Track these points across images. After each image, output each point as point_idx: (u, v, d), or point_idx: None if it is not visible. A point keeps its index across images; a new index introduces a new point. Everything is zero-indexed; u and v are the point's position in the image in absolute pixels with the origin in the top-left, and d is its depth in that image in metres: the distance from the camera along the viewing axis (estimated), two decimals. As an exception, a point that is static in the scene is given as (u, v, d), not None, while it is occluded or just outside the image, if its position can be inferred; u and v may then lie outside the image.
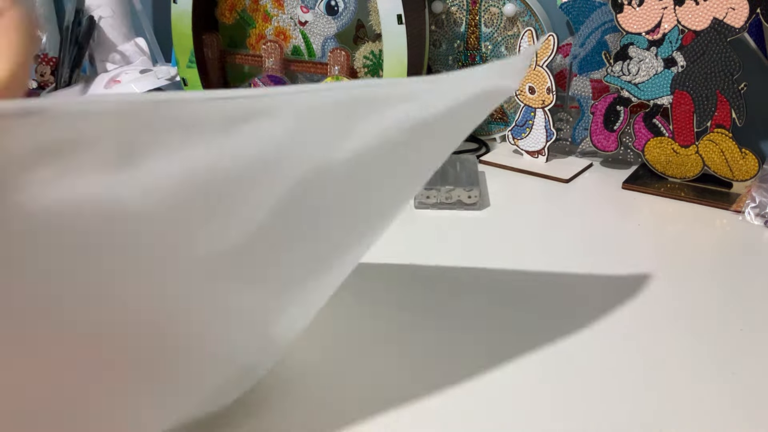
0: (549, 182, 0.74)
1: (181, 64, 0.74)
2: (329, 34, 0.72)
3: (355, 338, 0.48)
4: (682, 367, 0.44)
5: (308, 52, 0.73)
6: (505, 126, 0.86)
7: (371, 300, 0.52)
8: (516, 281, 0.55)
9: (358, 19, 0.75)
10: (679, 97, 0.69)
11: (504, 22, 0.82)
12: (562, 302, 0.52)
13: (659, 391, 0.42)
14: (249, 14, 0.74)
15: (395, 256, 0.59)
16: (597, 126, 0.75)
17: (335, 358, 0.46)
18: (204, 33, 0.74)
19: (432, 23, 0.85)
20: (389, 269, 0.57)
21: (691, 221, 0.65)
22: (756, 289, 0.53)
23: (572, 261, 0.58)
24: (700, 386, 0.42)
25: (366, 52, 0.71)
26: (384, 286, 0.54)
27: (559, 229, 0.64)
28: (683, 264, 0.57)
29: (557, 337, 0.48)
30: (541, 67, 0.73)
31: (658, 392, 0.42)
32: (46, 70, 0.98)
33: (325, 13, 0.71)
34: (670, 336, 0.48)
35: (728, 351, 0.46)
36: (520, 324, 0.49)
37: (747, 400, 0.41)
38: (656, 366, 0.44)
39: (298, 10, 0.72)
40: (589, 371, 0.44)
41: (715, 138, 0.68)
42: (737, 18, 0.63)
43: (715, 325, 0.49)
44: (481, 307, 0.51)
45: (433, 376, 0.44)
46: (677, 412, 0.40)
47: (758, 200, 0.65)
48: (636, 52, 0.70)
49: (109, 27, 0.92)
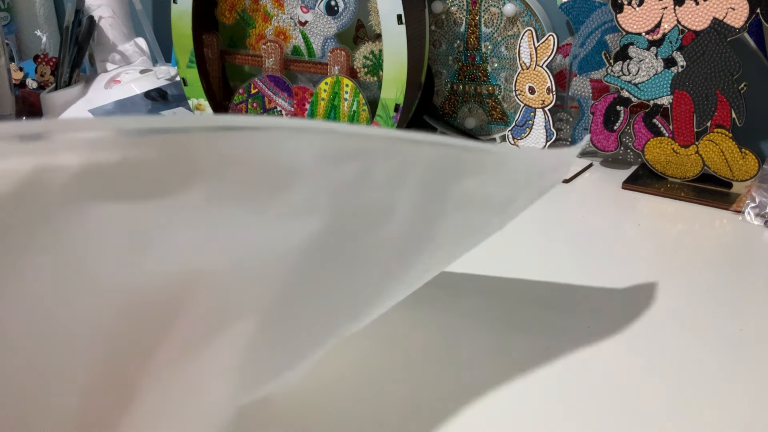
0: (549, 182, 0.74)
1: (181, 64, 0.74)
2: (329, 34, 0.72)
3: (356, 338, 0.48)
4: (681, 367, 0.44)
5: (308, 52, 0.73)
6: (505, 126, 0.86)
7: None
8: (515, 281, 0.55)
9: (358, 19, 0.74)
10: (679, 97, 0.69)
11: (504, 22, 0.82)
12: (562, 302, 0.52)
13: (658, 391, 0.42)
14: (249, 14, 0.74)
15: (395, 256, 0.59)
16: (597, 126, 0.75)
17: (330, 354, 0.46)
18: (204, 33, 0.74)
19: (432, 23, 0.85)
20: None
21: (690, 221, 0.65)
22: (756, 289, 0.53)
23: (572, 261, 0.58)
24: (699, 386, 0.42)
25: (366, 52, 0.71)
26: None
27: (559, 229, 0.64)
28: (683, 264, 0.57)
29: (557, 336, 0.48)
30: (541, 67, 0.73)
31: (657, 392, 0.42)
32: (46, 70, 0.98)
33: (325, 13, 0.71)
34: (669, 336, 0.48)
35: (728, 351, 0.46)
36: (520, 324, 0.49)
37: (747, 400, 0.41)
38: (655, 366, 0.44)
39: (298, 10, 0.72)
40: (589, 371, 0.44)
41: (715, 138, 0.68)
42: (737, 18, 0.63)
43: (714, 325, 0.49)
44: (481, 307, 0.51)
45: (432, 376, 0.44)
46: (677, 412, 0.40)
47: (758, 200, 0.65)
48: (636, 52, 0.70)
49: (109, 27, 0.92)
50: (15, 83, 0.93)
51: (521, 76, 0.76)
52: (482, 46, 0.84)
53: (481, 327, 0.49)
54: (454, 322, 0.49)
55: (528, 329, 0.49)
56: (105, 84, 0.88)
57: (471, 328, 0.49)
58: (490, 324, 0.49)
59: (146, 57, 0.94)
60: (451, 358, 0.46)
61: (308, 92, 0.72)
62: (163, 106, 0.82)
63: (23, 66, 1.00)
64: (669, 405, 0.41)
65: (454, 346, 0.47)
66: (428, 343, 0.47)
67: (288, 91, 0.73)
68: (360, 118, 0.71)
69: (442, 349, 0.46)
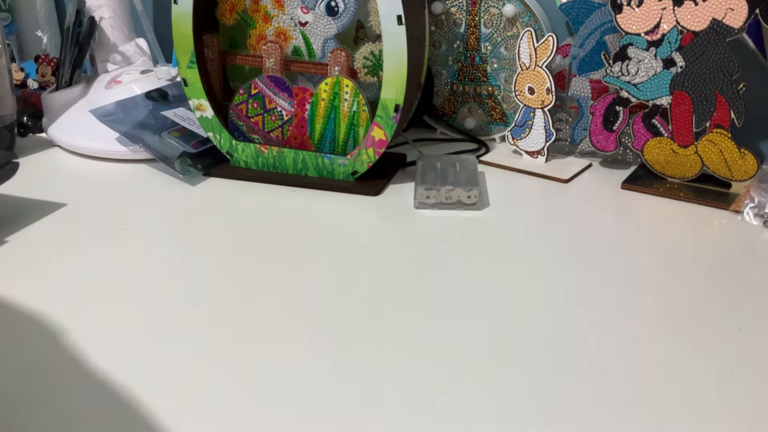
0: (548, 182, 0.75)
1: (182, 65, 0.74)
2: (329, 35, 0.72)
3: (355, 338, 0.48)
4: (681, 367, 0.44)
5: (308, 53, 0.73)
6: (504, 126, 0.86)
7: (371, 299, 0.53)
8: (515, 281, 0.55)
9: (358, 20, 0.75)
10: (678, 98, 0.69)
11: (503, 22, 0.82)
12: (562, 302, 0.52)
13: (658, 390, 0.42)
14: (249, 15, 0.74)
15: (395, 255, 0.59)
16: (596, 126, 0.76)
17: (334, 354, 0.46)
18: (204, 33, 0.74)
19: (432, 24, 0.86)
20: (389, 269, 0.57)
21: (690, 221, 0.65)
22: (755, 289, 0.54)
23: (571, 261, 0.58)
24: (699, 386, 0.43)
25: (366, 53, 0.71)
26: (384, 285, 0.55)
27: (559, 229, 0.65)
28: (682, 264, 0.58)
29: (556, 336, 0.48)
30: (540, 68, 0.73)
31: (657, 391, 0.42)
32: (47, 71, 0.98)
33: (325, 13, 0.71)
34: (669, 335, 0.48)
35: (727, 350, 0.46)
36: (520, 324, 0.49)
37: (746, 399, 0.41)
38: (655, 365, 0.44)
39: (298, 11, 0.72)
40: (588, 371, 0.44)
41: (714, 138, 0.68)
42: (736, 18, 0.64)
43: (714, 324, 0.49)
44: (481, 307, 0.52)
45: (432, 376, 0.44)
46: (676, 412, 0.40)
47: (757, 200, 0.65)
48: (635, 52, 0.70)
49: (110, 27, 0.92)
50: (16, 83, 0.94)
51: (521, 76, 0.76)
52: (482, 46, 0.84)
53: (480, 326, 0.49)
54: (453, 321, 0.50)
55: (527, 328, 0.49)
56: (106, 84, 0.88)
57: (470, 327, 0.49)
58: (489, 323, 0.49)
59: (147, 57, 0.94)
60: (450, 356, 0.46)
61: (308, 92, 0.72)
62: (164, 106, 0.82)
63: (24, 66, 1.00)
64: (668, 404, 0.41)
65: (452, 345, 0.47)
66: (427, 342, 0.47)
67: (288, 92, 0.73)
68: (360, 118, 0.71)
69: (440, 348, 0.47)
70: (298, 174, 0.75)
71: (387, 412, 0.41)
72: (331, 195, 0.71)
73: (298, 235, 0.63)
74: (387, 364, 0.45)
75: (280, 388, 0.43)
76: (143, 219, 0.67)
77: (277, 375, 0.44)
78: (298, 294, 0.53)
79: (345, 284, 0.55)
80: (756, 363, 0.45)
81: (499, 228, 0.65)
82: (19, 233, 0.63)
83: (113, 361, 0.45)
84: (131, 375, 0.44)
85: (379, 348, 0.47)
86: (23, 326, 0.50)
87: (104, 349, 0.47)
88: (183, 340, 0.48)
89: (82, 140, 0.82)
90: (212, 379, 0.44)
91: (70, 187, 0.73)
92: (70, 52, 0.89)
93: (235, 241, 0.62)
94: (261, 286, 0.54)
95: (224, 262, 0.59)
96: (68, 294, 0.54)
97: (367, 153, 0.71)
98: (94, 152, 0.82)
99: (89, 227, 0.65)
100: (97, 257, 0.59)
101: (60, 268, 0.58)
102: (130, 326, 0.49)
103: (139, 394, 0.42)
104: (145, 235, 0.63)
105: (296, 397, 0.42)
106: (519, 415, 0.40)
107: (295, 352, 0.46)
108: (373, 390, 0.42)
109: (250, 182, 0.74)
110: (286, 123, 0.75)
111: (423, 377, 0.44)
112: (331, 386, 0.43)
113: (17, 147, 0.85)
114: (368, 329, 0.49)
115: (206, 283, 0.55)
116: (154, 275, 0.56)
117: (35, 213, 0.67)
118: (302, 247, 0.61)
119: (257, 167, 0.76)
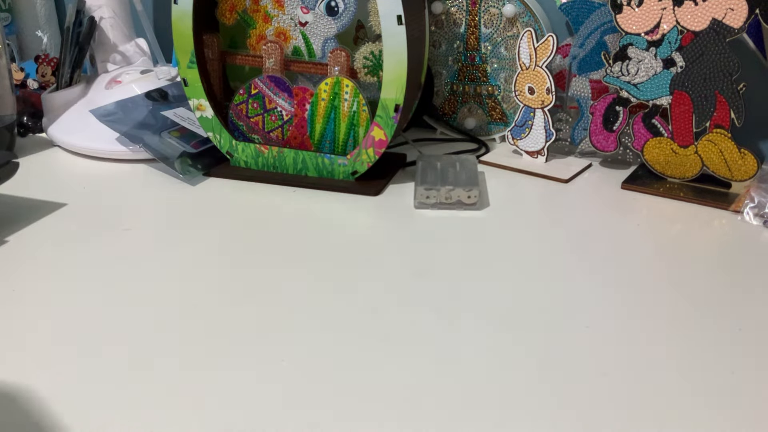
0: (548, 182, 0.75)
1: (182, 65, 0.74)
2: (329, 35, 0.72)
3: (355, 338, 0.48)
4: (681, 367, 0.44)
5: (308, 53, 0.73)
6: (504, 126, 0.86)
7: (370, 300, 0.53)
8: (515, 281, 0.55)
9: (358, 20, 0.75)
10: (678, 98, 0.69)
11: (503, 22, 0.82)
12: (562, 302, 0.52)
13: (658, 390, 0.42)
14: (249, 15, 0.74)
15: (395, 255, 0.59)
16: (596, 126, 0.76)
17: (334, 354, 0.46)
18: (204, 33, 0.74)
19: (432, 24, 0.86)
20: (389, 269, 0.57)
21: (690, 221, 0.65)
22: (755, 289, 0.54)
23: (571, 261, 0.58)
24: (699, 385, 0.43)
25: (366, 53, 0.71)
26: (384, 285, 0.55)
27: (559, 229, 0.65)
28: (682, 264, 0.58)
29: (556, 336, 0.48)
30: (540, 68, 0.73)
31: (657, 391, 0.42)
32: (47, 71, 0.98)
33: (325, 13, 0.71)
34: (669, 335, 0.48)
35: (727, 350, 0.46)
36: (520, 324, 0.49)
37: (746, 399, 0.41)
38: (655, 365, 0.44)
39: (298, 11, 0.72)
40: (588, 371, 0.44)
41: (714, 138, 0.68)
42: (736, 18, 0.64)
43: (714, 324, 0.49)
44: (481, 307, 0.52)
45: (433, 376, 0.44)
46: (676, 412, 0.40)
47: (757, 200, 0.65)
48: (635, 52, 0.70)
49: (110, 27, 0.92)
50: (16, 83, 0.93)
51: (521, 76, 0.76)
52: (482, 46, 0.84)
53: (480, 326, 0.49)
54: (453, 321, 0.50)
55: (527, 328, 0.49)
56: (106, 84, 0.88)
57: (470, 327, 0.49)
58: (489, 323, 0.49)
59: (147, 57, 0.94)
60: (450, 356, 0.46)
61: (308, 92, 0.72)
62: (164, 106, 0.82)
63: (24, 66, 1.00)
64: (668, 404, 0.41)
65: (453, 345, 0.47)
66: (427, 342, 0.47)
67: (288, 92, 0.73)
68: (360, 118, 0.71)
69: (441, 347, 0.47)
70: (298, 174, 0.75)
71: (387, 411, 0.41)
72: (331, 195, 0.71)
73: (298, 235, 0.63)
74: (387, 364, 0.45)
75: (280, 388, 0.43)
76: (143, 219, 0.67)
77: (277, 375, 0.44)
78: (298, 294, 0.53)
79: (345, 284, 0.55)
80: (756, 363, 0.45)
81: (499, 228, 0.65)
82: (19, 233, 0.63)
83: (113, 361, 0.45)
84: (131, 375, 0.44)
85: (379, 348, 0.47)
86: (23, 326, 0.50)
87: (104, 349, 0.47)
88: (183, 340, 0.48)
89: (82, 140, 0.82)
90: (212, 379, 0.44)
91: (70, 187, 0.73)
92: (70, 52, 0.89)
93: (235, 241, 0.62)
94: (261, 286, 0.55)
95: (224, 262, 0.59)
96: (68, 294, 0.54)
97: (367, 153, 0.71)
98: (94, 152, 0.82)
99: (89, 227, 0.65)
100: (97, 257, 0.59)
101: (60, 268, 0.58)
102: (130, 326, 0.49)
103: (139, 394, 0.42)
104: (144, 235, 0.63)
105: (296, 397, 0.42)
106: (519, 415, 0.40)
107: (295, 352, 0.46)
108: (374, 390, 0.42)
109: (250, 182, 0.75)
110: (286, 123, 0.75)
111: (423, 377, 0.44)
112: (331, 386, 0.43)
113: (17, 147, 0.85)
114: (368, 329, 0.49)
115: (206, 283, 0.55)
116: (154, 275, 0.56)
117: (35, 213, 0.67)
118: (302, 247, 0.61)
119: (257, 167, 0.76)
